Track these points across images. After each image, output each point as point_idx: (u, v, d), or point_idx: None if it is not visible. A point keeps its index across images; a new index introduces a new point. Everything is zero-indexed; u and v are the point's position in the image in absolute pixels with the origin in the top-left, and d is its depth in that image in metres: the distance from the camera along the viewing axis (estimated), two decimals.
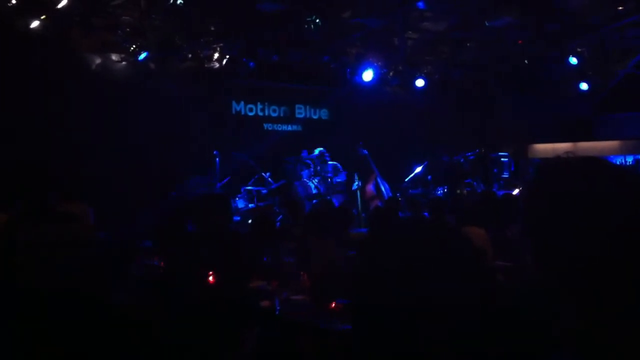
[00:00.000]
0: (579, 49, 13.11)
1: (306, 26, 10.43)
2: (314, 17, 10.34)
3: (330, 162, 11.90)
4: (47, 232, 3.07)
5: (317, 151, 11.96)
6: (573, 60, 13.28)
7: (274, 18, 10.46)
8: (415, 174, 12.99)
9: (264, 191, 11.48)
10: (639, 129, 14.77)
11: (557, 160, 1.36)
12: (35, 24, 9.29)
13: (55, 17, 9.32)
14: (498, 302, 1.20)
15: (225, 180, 11.17)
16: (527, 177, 13.63)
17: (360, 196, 11.96)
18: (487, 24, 11.07)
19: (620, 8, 10.92)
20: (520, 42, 12.58)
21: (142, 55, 10.53)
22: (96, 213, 3.75)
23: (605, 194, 1.24)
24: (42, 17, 9.27)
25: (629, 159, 14.42)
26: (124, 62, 10.97)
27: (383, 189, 12.03)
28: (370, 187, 12.07)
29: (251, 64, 11.89)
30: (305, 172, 11.78)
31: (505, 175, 14.09)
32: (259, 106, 13.48)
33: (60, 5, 9.14)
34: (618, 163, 11.90)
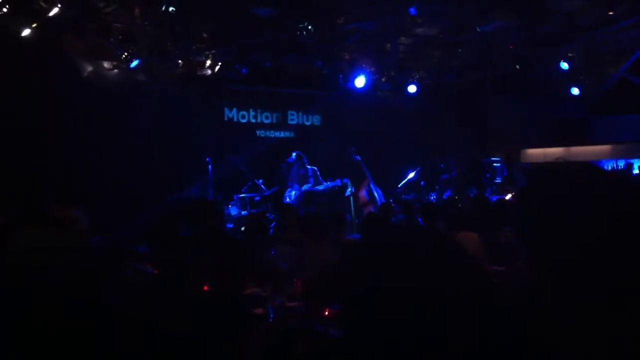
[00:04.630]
0: (570, 54, 13.17)
1: (299, 32, 10.45)
2: (306, 23, 10.35)
3: (309, 167, 11.87)
4: (40, 237, 3.05)
5: (294, 154, 11.89)
6: (564, 66, 13.34)
7: (266, 24, 10.46)
8: (409, 179, 13.02)
9: (257, 198, 11.47)
10: (631, 133, 14.82)
11: (549, 166, 1.37)
12: (27, 31, 9.27)
13: (47, 24, 9.30)
14: (495, 306, 1.20)
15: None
16: (520, 182, 13.67)
17: (354, 202, 11.96)
18: (478, 30, 11.12)
19: (611, 13, 10.97)
20: (511, 47, 12.63)
21: (134, 63, 10.52)
22: (90, 218, 3.74)
23: (597, 198, 1.25)
24: (34, 25, 9.26)
25: (621, 163, 14.48)
26: (116, 70, 10.96)
27: (376, 194, 12.03)
28: (363, 193, 12.07)
29: (244, 70, 11.89)
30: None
31: (498, 180, 14.13)
32: (252, 112, 13.51)
33: (52, 13, 9.12)
34: (610, 167, 11.93)
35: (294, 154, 11.80)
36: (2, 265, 2.85)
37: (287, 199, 11.48)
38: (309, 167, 11.75)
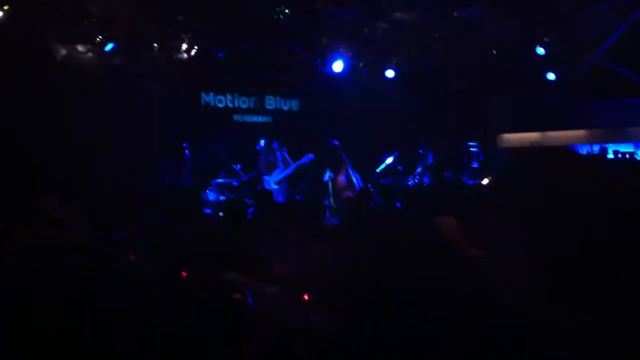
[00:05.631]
0: (546, 39, 13.23)
1: (276, 16, 10.38)
2: (283, 6, 10.28)
3: (277, 152, 11.86)
4: (37, 236, 3.02)
5: (262, 142, 11.89)
6: (540, 51, 13.41)
7: (243, 7, 10.38)
8: (387, 164, 13.05)
9: (235, 183, 11.44)
10: (606, 118, 14.97)
11: (524, 151, 1.38)
12: None
13: (20, 7, 9.13)
14: (476, 290, 1.21)
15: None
16: (495, 167, 13.76)
17: (332, 187, 11.97)
18: (455, 14, 11.13)
19: None
20: (488, 31, 12.66)
21: (109, 46, 10.38)
22: (65, 206, 3.69)
23: (571, 181, 1.26)
24: (6, 8, 9.09)
25: (596, 148, 14.64)
26: (90, 54, 10.79)
27: (354, 179, 12.04)
28: (341, 178, 12.07)
29: (220, 54, 11.80)
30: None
31: (475, 165, 14.21)
32: (229, 97, 13.43)
33: None
34: (585, 152, 12.01)
35: (262, 142, 11.79)
36: (2, 265, 2.81)
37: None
38: (277, 152, 11.74)
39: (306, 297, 4.18)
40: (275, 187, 11.46)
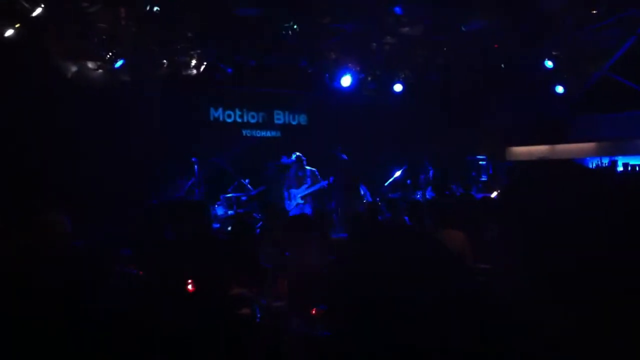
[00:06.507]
0: (554, 52, 13.23)
1: (284, 31, 10.43)
2: (291, 22, 10.34)
3: (307, 168, 11.86)
4: (26, 241, 3.03)
5: (294, 156, 11.88)
6: (549, 64, 13.40)
7: (251, 23, 10.44)
8: (395, 178, 13.04)
9: (244, 198, 11.46)
10: (615, 130, 14.90)
11: (532, 164, 1.38)
12: (9, 32, 9.19)
13: (30, 25, 9.22)
14: (480, 303, 1.21)
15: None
16: (503, 180, 13.73)
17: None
18: (463, 29, 11.15)
19: (594, 12, 11.05)
20: (496, 46, 12.67)
21: (119, 63, 10.45)
22: (73, 220, 3.69)
23: (579, 195, 1.26)
24: (17, 25, 9.18)
25: (605, 160, 14.56)
26: (100, 70, 10.86)
27: (363, 193, 12.04)
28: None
29: (229, 70, 11.86)
30: (284, 177, 11.83)
31: (484, 178, 14.19)
32: (238, 112, 13.50)
33: (35, 13, 9.05)
34: (594, 164, 11.94)
35: (293, 156, 11.78)
36: (1, 265, 2.83)
37: (288, 202, 11.45)
38: (307, 168, 11.73)
39: (314, 311, 4.17)
40: (301, 201, 11.48)
